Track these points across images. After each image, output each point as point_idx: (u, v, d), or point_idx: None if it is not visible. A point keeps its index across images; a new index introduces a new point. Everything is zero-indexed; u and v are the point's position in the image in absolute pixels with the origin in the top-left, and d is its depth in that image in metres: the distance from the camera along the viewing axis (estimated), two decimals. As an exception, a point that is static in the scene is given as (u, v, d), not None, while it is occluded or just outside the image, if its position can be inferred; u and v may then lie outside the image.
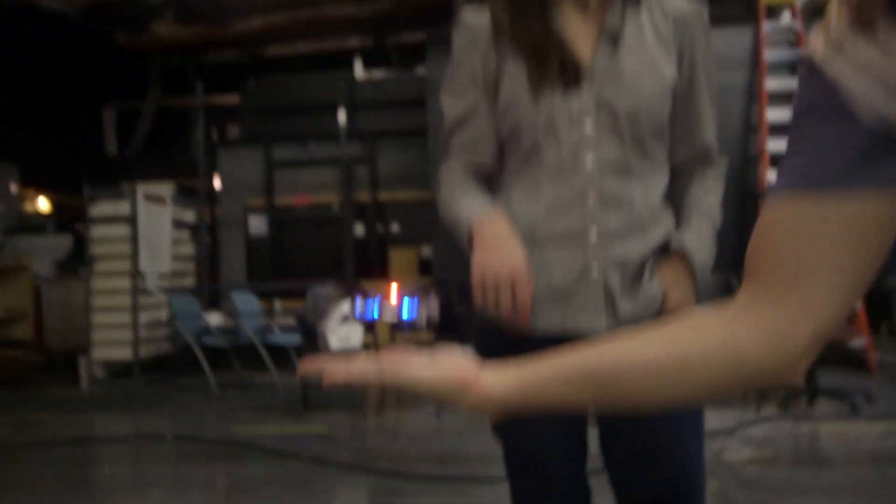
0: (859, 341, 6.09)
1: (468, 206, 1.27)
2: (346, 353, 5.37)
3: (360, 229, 9.01)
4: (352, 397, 5.99)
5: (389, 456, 4.09)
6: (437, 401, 0.72)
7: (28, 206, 11.80)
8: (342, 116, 8.99)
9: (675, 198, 1.35)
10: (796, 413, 4.78)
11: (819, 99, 0.63)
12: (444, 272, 6.66)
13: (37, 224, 10.70)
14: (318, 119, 9.25)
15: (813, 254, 0.63)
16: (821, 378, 5.08)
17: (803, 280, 0.63)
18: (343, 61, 9.92)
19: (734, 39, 7.04)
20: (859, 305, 6.15)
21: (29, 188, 11.54)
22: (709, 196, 1.33)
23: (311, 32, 10.29)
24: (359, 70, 9.75)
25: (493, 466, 3.68)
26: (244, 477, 3.77)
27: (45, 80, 11.78)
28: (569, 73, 1.24)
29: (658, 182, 1.30)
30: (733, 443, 4.08)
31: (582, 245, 1.24)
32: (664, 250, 1.28)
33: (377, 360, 0.72)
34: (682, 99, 1.30)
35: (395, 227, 9.01)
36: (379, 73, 9.69)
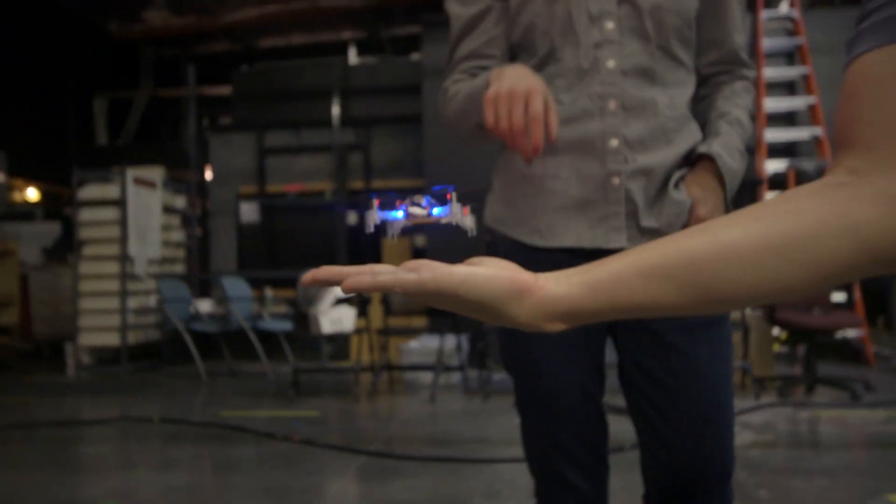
0: (856, 332, 6.04)
1: (482, 77, 1.15)
2: (338, 336, 5.28)
3: (352, 217, 8.92)
4: (343, 383, 5.89)
5: (382, 439, 4.00)
6: (485, 310, 0.57)
7: (17, 195, 11.65)
8: (335, 103, 8.90)
9: (702, 107, 1.26)
10: (795, 400, 4.72)
11: None
12: (437, 259, 6.56)
13: (25, 211, 10.56)
14: (311, 105, 9.16)
15: None
16: (819, 368, 5.02)
17: None
18: (337, 53, 9.84)
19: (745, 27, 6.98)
20: (857, 297, 6.10)
21: (17, 177, 11.39)
22: (737, 106, 1.22)
23: (305, 23, 10.20)
24: (352, 56, 9.68)
25: (489, 449, 3.61)
26: (233, 457, 3.68)
27: (35, 69, 11.64)
28: None
29: (684, 89, 1.20)
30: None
31: (602, 154, 1.14)
32: (691, 161, 1.18)
33: (409, 265, 0.58)
34: None
35: (388, 216, 8.91)
36: (373, 59, 9.62)
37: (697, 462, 1.15)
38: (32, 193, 11.88)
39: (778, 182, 6.72)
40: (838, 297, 5.68)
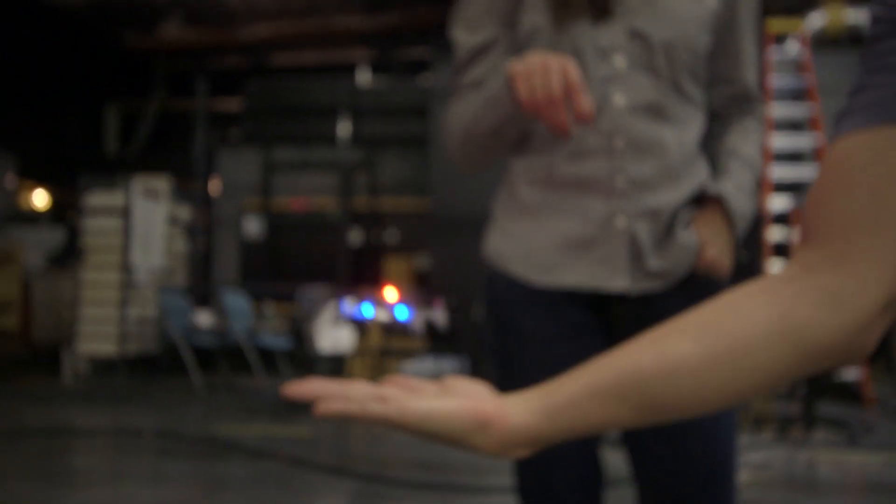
0: (856, 372, 6.01)
1: (497, 76, 1.10)
2: (336, 356, 5.26)
3: (355, 236, 8.93)
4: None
5: (373, 461, 3.98)
6: (450, 441, 0.58)
7: (24, 200, 11.69)
8: (343, 121, 8.95)
9: (711, 144, 1.22)
10: (794, 440, 4.68)
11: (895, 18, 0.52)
12: (441, 283, 6.56)
13: (31, 216, 10.60)
14: (319, 123, 9.21)
15: (888, 197, 0.52)
16: (818, 407, 4.98)
17: (873, 232, 0.53)
18: (347, 72, 9.91)
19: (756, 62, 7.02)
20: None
21: (27, 181, 11.44)
22: (748, 143, 1.20)
23: (317, 42, 10.28)
24: (362, 77, 9.74)
25: (481, 477, 3.58)
26: (224, 475, 3.65)
27: (48, 76, 11.74)
28: (597, 0, 1.11)
29: (694, 126, 1.16)
30: (728, 465, 3.98)
31: (607, 193, 1.11)
32: (699, 201, 1.15)
33: (379, 388, 0.58)
34: (723, 33, 1.18)
35: (391, 236, 8.92)
36: (382, 81, 9.68)
37: (685, 469, 1.12)
38: (40, 198, 11.92)
39: (782, 219, 6.72)
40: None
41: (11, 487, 3.33)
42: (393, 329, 5.48)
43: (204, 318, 7.08)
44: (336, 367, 7.10)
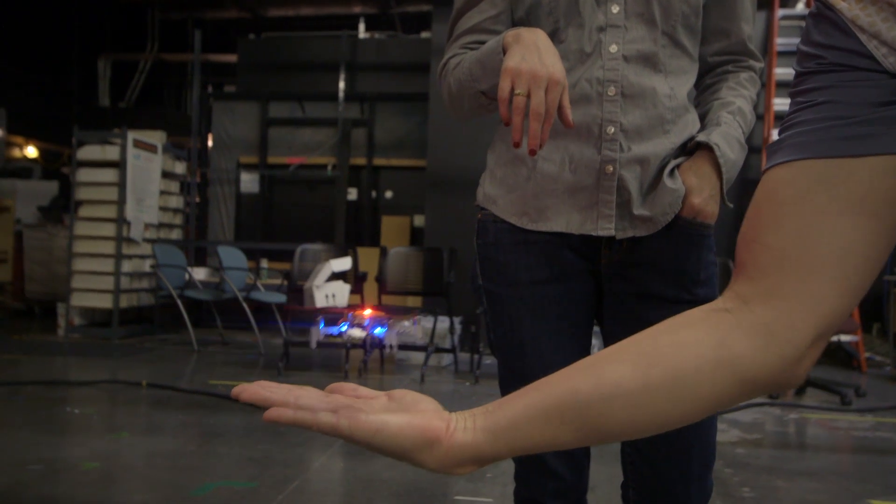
0: (851, 337, 6.04)
1: (495, 39, 1.11)
2: (332, 309, 5.26)
3: (352, 193, 8.87)
4: (334, 359, 5.89)
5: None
6: (398, 456, 0.59)
7: (16, 153, 11.58)
8: (342, 77, 8.83)
9: (706, 95, 1.24)
10: (785, 401, 4.72)
11: (828, 46, 0.52)
12: (436, 240, 6.54)
13: (22, 168, 10.49)
14: (316, 78, 9.08)
15: (818, 233, 0.53)
16: (811, 370, 5.01)
17: (803, 268, 0.54)
18: (345, 27, 9.75)
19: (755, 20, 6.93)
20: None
21: (17, 135, 11.31)
22: (742, 97, 1.20)
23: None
24: (361, 31, 9.58)
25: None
26: (219, 426, 3.67)
27: (39, 27, 11.53)
28: None
29: (686, 78, 1.18)
30: (721, 425, 4.01)
31: (598, 140, 1.12)
32: (689, 149, 1.16)
33: (329, 396, 0.59)
34: None
35: (388, 194, 8.87)
36: (381, 35, 9.52)
37: (677, 452, 1.15)
38: (32, 151, 11.81)
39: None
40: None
41: (11, 435, 3.34)
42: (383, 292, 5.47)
43: (199, 273, 7.06)
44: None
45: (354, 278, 5.61)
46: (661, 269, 1.14)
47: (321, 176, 8.84)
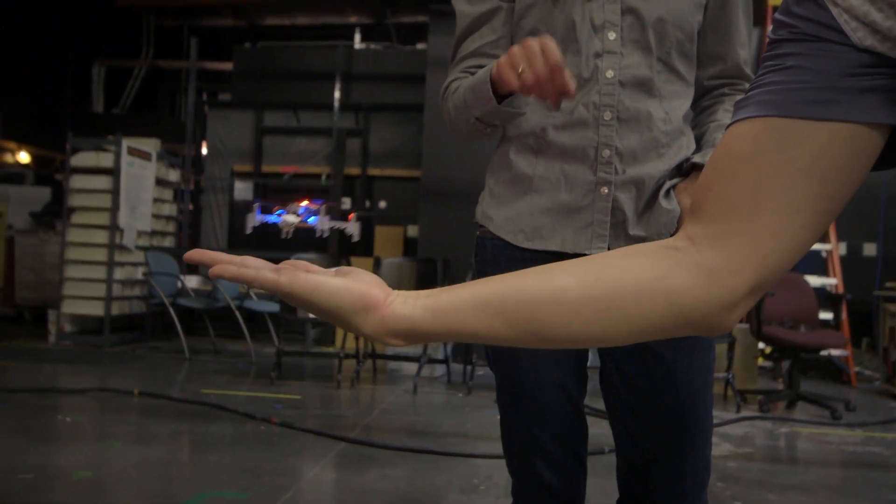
0: (840, 351, 6.07)
1: (485, 69, 1.15)
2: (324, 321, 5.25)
3: (346, 203, 8.87)
4: (326, 369, 5.87)
5: (361, 427, 3.99)
6: (334, 318, 0.61)
7: (9, 158, 11.53)
8: (337, 86, 8.84)
9: (702, 118, 1.26)
10: (775, 415, 4.74)
11: (802, 17, 0.55)
12: (429, 250, 6.54)
13: (15, 174, 10.45)
14: (312, 88, 9.10)
15: (769, 188, 0.55)
16: (801, 384, 5.04)
17: (752, 220, 0.56)
18: (341, 37, 9.78)
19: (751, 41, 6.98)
20: (844, 316, 6.13)
21: (10, 140, 11.27)
22: None
23: (311, 4, 10.12)
24: (357, 41, 9.61)
25: (468, 443, 3.60)
26: (210, 435, 3.65)
27: (34, 31, 11.52)
28: None
29: (681, 102, 1.20)
30: (712, 438, 4.02)
31: (593, 163, 1.15)
32: (684, 170, 1.18)
33: (276, 265, 0.62)
34: (716, 10, 1.21)
35: (382, 204, 8.87)
36: (377, 46, 9.55)
37: (671, 470, 1.15)
38: (24, 157, 11.77)
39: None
40: (825, 315, 5.69)
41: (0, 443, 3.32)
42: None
43: (192, 281, 7.04)
44: (324, 331, 7.10)
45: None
46: None
47: (315, 185, 8.84)
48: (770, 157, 0.55)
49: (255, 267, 0.61)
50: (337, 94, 8.81)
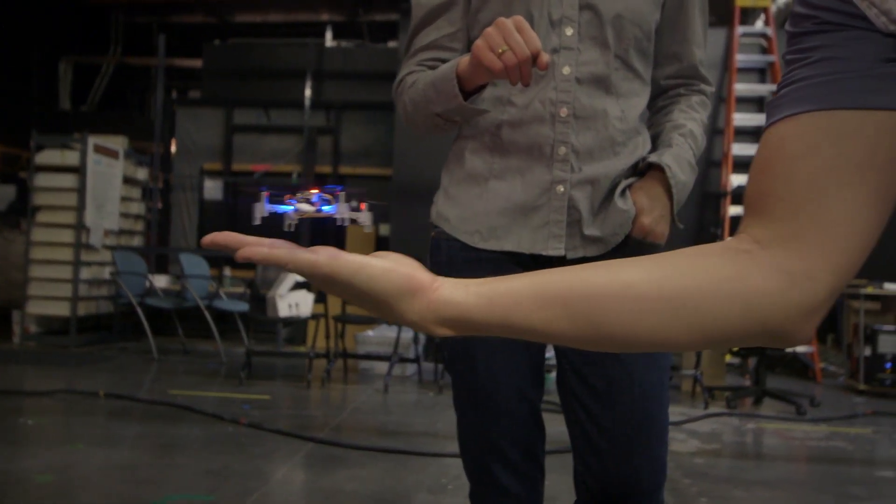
0: (806, 348, 6.17)
1: (448, 64, 1.13)
2: (295, 320, 5.22)
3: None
4: (297, 368, 5.84)
5: (331, 427, 3.97)
6: (376, 304, 0.56)
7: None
8: (308, 84, 8.78)
9: (658, 118, 1.26)
10: (743, 411, 4.80)
11: (823, 8, 0.53)
12: (401, 249, 6.52)
13: (-21, 173, 10.22)
14: (282, 85, 9.03)
15: (832, 186, 0.53)
16: (768, 381, 5.12)
17: (820, 221, 0.53)
18: (313, 34, 9.71)
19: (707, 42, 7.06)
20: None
21: (-26, 137, 11.03)
22: (693, 120, 1.23)
23: (283, 1, 10.04)
24: (329, 39, 9.55)
25: (438, 442, 3.60)
26: (178, 437, 3.61)
27: (0, 27, 11.28)
28: None
29: (638, 100, 1.20)
30: (680, 435, 4.06)
31: (549, 161, 1.14)
32: (640, 170, 1.18)
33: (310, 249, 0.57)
34: (673, 11, 1.21)
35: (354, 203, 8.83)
36: (349, 44, 9.50)
37: (627, 471, 1.15)
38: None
39: (742, 196, 6.82)
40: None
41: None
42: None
43: (160, 281, 6.96)
44: (295, 331, 7.06)
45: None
46: None
47: (286, 184, 8.78)
48: (825, 153, 0.53)
49: (289, 250, 0.56)
50: (308, 92, 8.76)
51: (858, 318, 5.80)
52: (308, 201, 0.73)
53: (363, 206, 0.72)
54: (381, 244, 8.24)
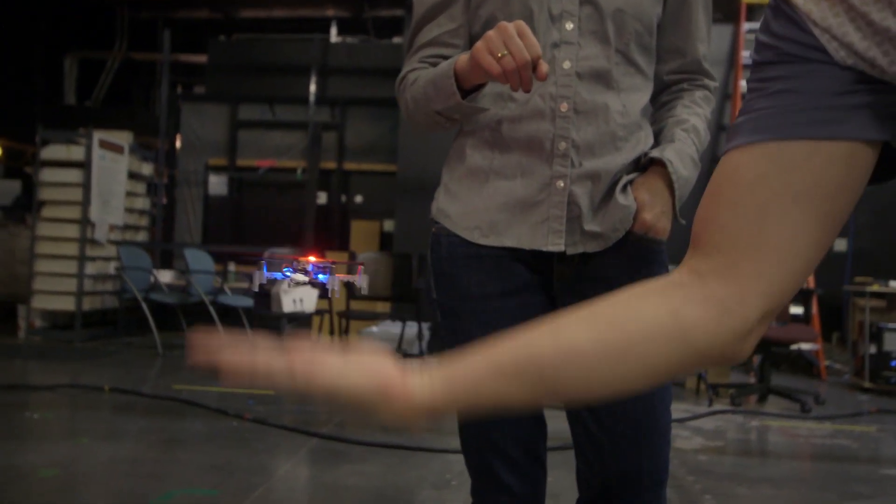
0: (811, 345, 6.15)
1: (447, 62, 1.13)
2: (299, 315, 5.23)
3: (322, 197, 8.83)
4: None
5: (335, 422, 3.97)
6: (356, 410, 0.61)
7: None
8: (313, 80, 8.78)
9: (661, 113, 1.25)
10: (747, 409, 4.79)
11: (786, 39, 0.55)
12: (405, 245, 6.53)
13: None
14: (287, 81, 9.04)
15: (772, 215, 0.55)
16: (772, 378, 5.10)
17: (756, 248, 0.56)
18: (318, 30, 9.70)
19: (713, 38, 7.03)
20: (814, 311, 6.21)
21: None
22: (696, 115, 1.21)
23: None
24: (334, 35, 9.55)
25: (441, 438, 3.60)
26: (182, 432, 3.62)
27: (4, 23, 11.30)
28: None
29: (640, 95, 1.19)
30: (684, 432, 4.06)
31: (549, 156, 1.13)
32: (642, 166, 1.17)
33: (285, 356, 0.61)
34: (675, 5, 1.20)
35: (358, 198, 8.84)
36: (354, 40, 9.50)
37: (628, 467, 1.15)
38: (-5, 149, 11.55)
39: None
40: (796, 310, 5.77)
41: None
42: (350, 292, 5.45)
43: (165, 276, 6.97)
44: (299, 327, 7.06)
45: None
46: (613, 285, 1.14)
47: (291, 179, 8.78)
48: (771, 182, 0.55)
49: (267, 365, 0.61)
50: (313, 88, 8.76)
51: (864, 315, 5.78)
52: (303, 270, 0.81)
53: (360, 268, 0.79)
54: (386, 239, 8.24)
